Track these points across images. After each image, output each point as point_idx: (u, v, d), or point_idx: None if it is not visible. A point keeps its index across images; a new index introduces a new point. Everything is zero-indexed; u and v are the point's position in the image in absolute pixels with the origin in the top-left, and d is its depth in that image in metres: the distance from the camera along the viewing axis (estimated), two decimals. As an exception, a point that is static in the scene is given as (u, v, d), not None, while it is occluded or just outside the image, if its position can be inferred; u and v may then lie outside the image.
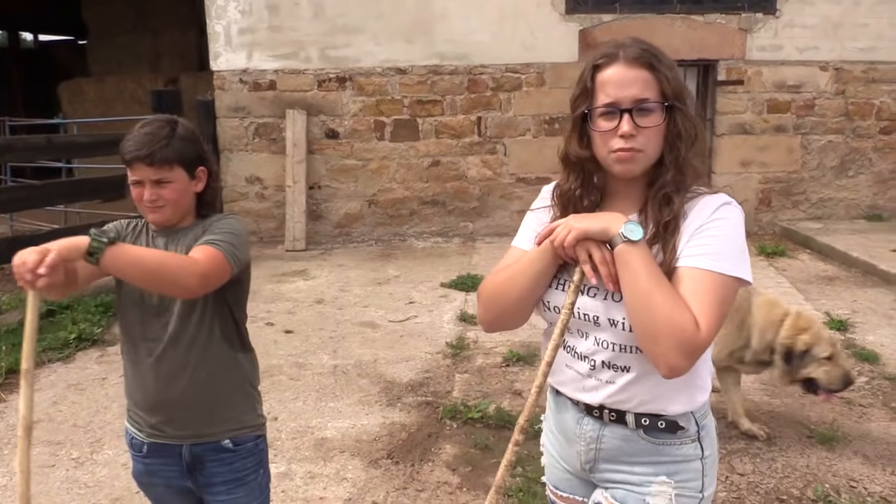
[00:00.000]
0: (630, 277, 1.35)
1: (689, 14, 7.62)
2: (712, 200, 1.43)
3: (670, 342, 1.30)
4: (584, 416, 1.54)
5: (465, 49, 7.64)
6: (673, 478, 1.48)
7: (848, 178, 8.09)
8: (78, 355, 4.73)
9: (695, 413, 1.50)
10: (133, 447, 1.94)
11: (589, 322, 1.46)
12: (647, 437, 1.48)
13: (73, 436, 3.65)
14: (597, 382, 1.48)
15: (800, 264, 6.66)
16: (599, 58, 1.44)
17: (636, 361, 1.43)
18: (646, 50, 1.42)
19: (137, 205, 1.82)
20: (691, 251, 1.38)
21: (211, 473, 1.88)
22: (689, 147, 1.44)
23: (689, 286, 1.34)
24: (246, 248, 1.84)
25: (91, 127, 9.96)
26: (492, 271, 1.58)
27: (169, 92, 6.89)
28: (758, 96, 7.82)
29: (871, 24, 7.76)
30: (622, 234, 1.35)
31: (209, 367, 1.84)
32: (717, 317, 1.34)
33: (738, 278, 1.38)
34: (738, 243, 1.40)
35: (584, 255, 1.39)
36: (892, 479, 3.11)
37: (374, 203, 7.92)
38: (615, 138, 1.40)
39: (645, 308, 1.32)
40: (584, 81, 1.45)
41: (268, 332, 5.04)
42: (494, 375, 4.26)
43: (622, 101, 1.39)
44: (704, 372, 1.51)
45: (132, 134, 1.80)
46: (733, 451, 3.35)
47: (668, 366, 1.32)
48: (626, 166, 1.42)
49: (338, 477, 3.22)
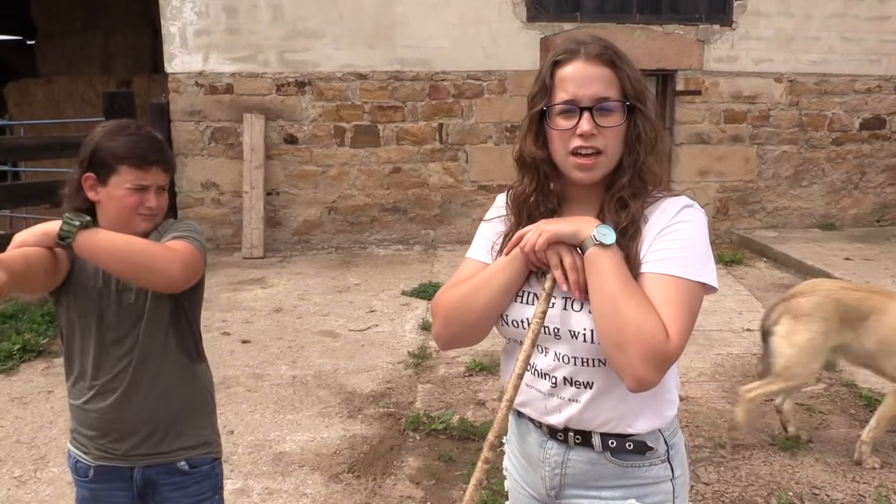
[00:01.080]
0: (599, 282, 1.28)
1: (648, 24, 7.70)
2: (673, 203, 1.37)
3: (638, 350, 1.22)
4: (548, 439, 1.46)
5: (425, 55, 7.59)
6: (643, 500, 1.41)
7: (802, 187, 8.26)
8: (22, 367, 4.52)
9: (663, 432, 1.43)
10: (77, 472, 1.81)
11: (549, 335, 1.38)
12: (614, 459, 1.41)
13: (16, 452, 3.47)
14: (559, 401, 1.40)
15: (757, 272, 6.76)
16: (560, 53, 1.37)
17: (599, 375, 1.36)
18: (607, 47, 1.36)
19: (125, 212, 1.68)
20: (655, 256, 1.32)
21: (163, 499, 1.78)
22: (650, 151, 1.38)
23: (657, 293, 1.28)
24: (204, 245, 1.76)
25: (39, 129, 9.64)
26: (446, 284, 1.49)
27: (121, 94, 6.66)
28: (715, 106, 7.94)
29: (823, 37, 7.95)
30: (594, 237, 1.29)
31: (165, 382, 1.74)
32: (686, 325, 1.27)
33: (704, 284, 1.32)
34: (702, 248, 1.34)
35: (555, 259, 1.32)
36: (854, 486, 3.14)
37: (333, 210, 7.81)
38: (574, 138, 1.33)
39: (612, 314, 1.25)
40: (543, 78, 1.38)
41: (224, 341, 4.89)
42: (457, 385, 4.20)
43: (582, 99, 1.33)
44: (672, 384, 1.44)
45: (133, 136, 1.68)
46: (698, 460, 3.34)
47: (635, 377, 1.24)
48: (587, 174, 1.35)
49: (297, 492, 3.11)
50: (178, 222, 1.78)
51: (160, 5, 7.35)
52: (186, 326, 1.79)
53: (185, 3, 7.28)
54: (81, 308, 1.71)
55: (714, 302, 5.70)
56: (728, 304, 5.65)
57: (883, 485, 3.13)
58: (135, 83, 10.92)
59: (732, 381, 4.23)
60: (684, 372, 4.34)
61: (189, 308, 1.78)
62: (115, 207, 1.68)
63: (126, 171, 1.65)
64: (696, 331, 5.16)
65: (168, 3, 7.29)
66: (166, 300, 1.71)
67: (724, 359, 4.57)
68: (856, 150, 8.28)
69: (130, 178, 1.66)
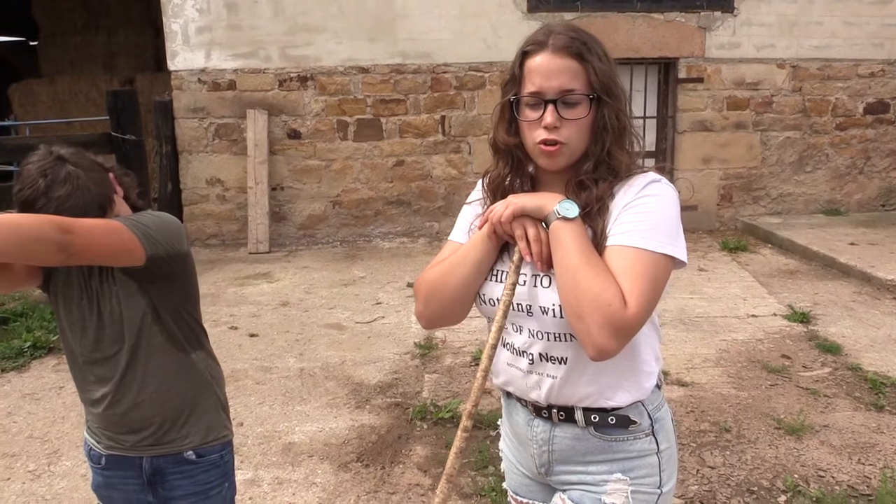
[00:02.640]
0: (561, 255, 1.32)
1: (649, 12, 7.68)
2: (641, 178, 1.39)
3: (594, 318, 1.25)
4: (534, 417, 1.50)
5: (427, 48, 7.59)
6: (628, 474, 1.45)
7: (806, 173, 8.25)
8: (33, 364, 4.57)
9: (646, 405, 1.46)
10: (91, 458, 1.85)
11: (522, 312, 1.42)
12: (598, 434, 1.44)
13: (29, 447, 3.51)
14: (538, 377, 1.44)
15: (761, 259, 6.76)
16: (529, 44, 1.40)
17: (572, 350, 1.39)
18: (575, 38, 1.37)
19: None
20: (619, 229, 1.34)
21: (172, 487, 1.80)
22: (616, 140, 1.40)
23: (618, 264, 1.30)
24: (169, 236, 1.65)
25: (44, 129, 9.67)
26: (427, 266, 1.53)
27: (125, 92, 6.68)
28: (717, 94, 7.92)
29: (826, 22, 7.91)
30: (556, 210, 1.33)
31: (159, 379, 1.74)
32: (647, 295, 1.28)
33: (670, 257, 1.33)
34: (668, 220, 1.35)
35: (520, 230, 1.36)
36: (859, 468, 3.16)
37: (338, 204, 7.83)
38: (539, 129, 1.37)
39: (572, 284, 1.29)
40: (514, 68, 1.42)
41: (232, 335, 4.93)
42: (464, 375, 4.22)
43: (547, 92, 1.36)
44: (648, 356, 1.46)
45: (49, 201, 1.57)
46: (703, 444, 3.36)
47: (594, 345, 1.26)
48: (551, 160, 1.39)
49: (307, 482, 3.15)
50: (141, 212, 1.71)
51: (162, 3, 7.37)
52: (171, 321, 1.74)
53: (186, 0, 7.30)
54: (67, 314, 1.74)
55: (719, 288, 5.72)
56: (733, 291, 5.66)
57: (888, 466, 3.15)
58: (138, 81, 10.93)
59: (737, 366, 4.25)
60: (689, 358, 4.36)
61: (166, 303, 1.73)
62: None
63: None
64: (700, 317, 5.22)
65: (170, 0, 7.31)
66: (140, 301, 1.69)
67: (730, 345, 4.59)
68: (860, 135, 8.25)
69: None
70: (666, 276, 1.34)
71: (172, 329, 1.75)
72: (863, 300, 5.40)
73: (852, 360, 4.28)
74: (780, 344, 4.59)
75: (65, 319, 1.75)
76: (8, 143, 7.36)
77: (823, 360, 4.30)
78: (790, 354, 4.41)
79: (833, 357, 4.34)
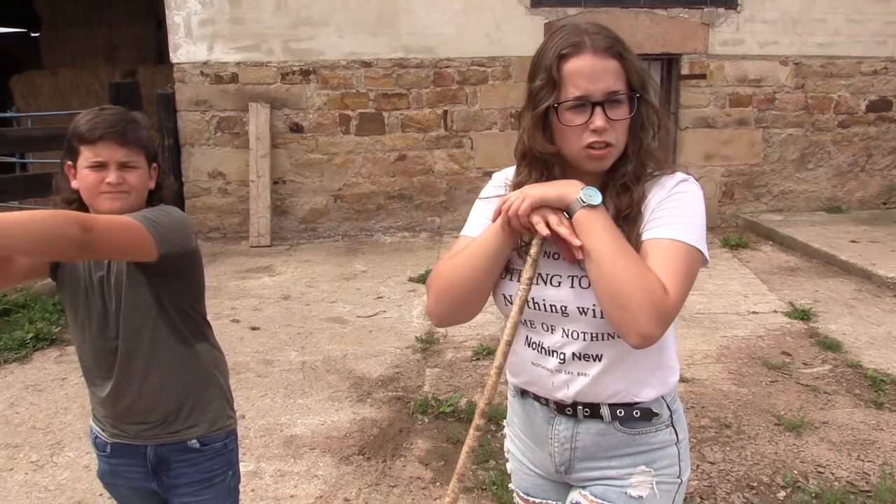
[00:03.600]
0: (592, 243, 1.29)
1: (652, 8, 7.67)
2: (671, 178, 1.41)
3: (641, 306, 1.24)
4: (556, 415, 1.49)
5: (429, 42, 7.58)
6: (652, 466, 1.46)
7: (808, 170, 8.25)
8: (35, 355, 4.58)
9: (665, 398, 1.48)
10: (97, 446, 1.87)
11: (556, 313, 1.40)
12: (623, 428, 1.45)
13: (32, 438, 3.53)
14: (567, 376, 1.43)
15: (763, 255, 6.76)
16: (566, 46, 1.34)
17: (609, 348, 1.39)
18: (614, 39, 1.37)
19: (89, 192, 1.65)
20: (654, 224, 1.35)
21: (177, 475, 1.81)
22: (652, 137, 1.41)
23: (655, 255, 1.31)
24: (180, 233, 1.67)
25: (46, 121, 9.67)
26: (439, 262, 1.48)
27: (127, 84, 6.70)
28: (720, 90, 7.91)
29: (829, 19, 7.90)
30: (580, 199, 1.30)
31: (162, 371, 1.75)
32: (683, 283, 1.29)
33: (700, 251, 1.34)
34: (698, 217, 1.37)
35: (540, 221, 1.32)
36: (858, 465, 3.17)
37: (339, 198, 7.83)
38: (586, 132, 1.33)
39: (610, 274, 1.27)
40: (549, 72, 1.35)
41: (233, 328, 4.94)
42: (465, 369, 4.24)
43: (594, 94, 1.32)
44: (672, 351, 1.49)
45: (90, 116, 1.66)
46: (704, 440, 3.37)
47: (639, 332, 1.25)
48: (599, 163, 1.37)
49: (308, 474, 3.17)
50: (154, 208, 1.72)
51: (164, -5, 7.37)
52: (175, 313, 1.75)
53: (189, -8, 7.30)
54: (74, 306, 1.74)
55: (720, 285, 5.73)
56: (734, 288, 5.67)
57: (887, 463, 3.16)
58: (140, 74, 10.94)
59: (738, 363, 4.26)
60: (690, 354, 4.37)
61: (172, 297, 1.74)
62: (83, 190, 1.66)
63: (83, 151, 1.64)
64: (701, 314, 5.22)
65: (172, -8, 7.30)
66: (146, 293, 1.70)
67: (730, 341, 4.60)
68: (862, 133, 8.24)
69: (87, 156, 1.64)
70: (697, 269, 1.35)
71: (177, 322, 1.76)
72: (863, 298, 5.41)
73: (852, 358, 4.29)
74: (780, 341, 4.60)
75: (71, 309, 1.76)
76: (10, 134, 7.38)
77: (824, 358, 4.31)
78: (790, 351, 4.42)
79: (833, 354, 4.35)
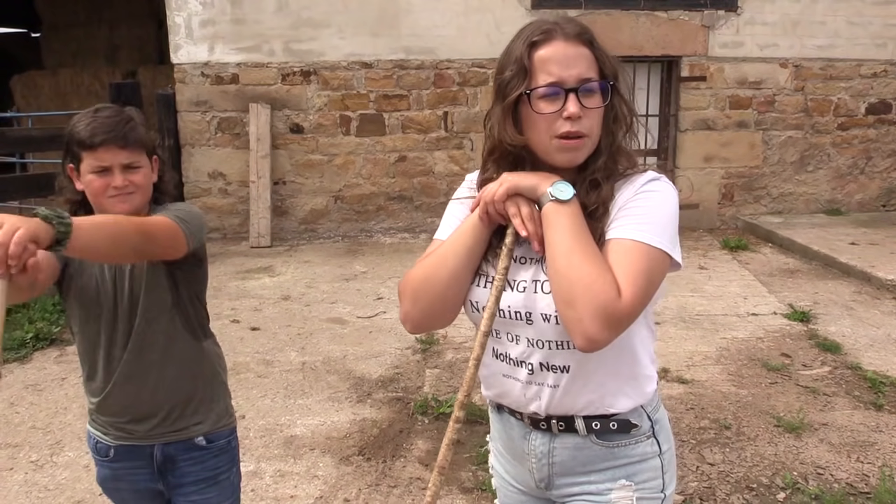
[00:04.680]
0: (552, 237, 1.26)
1: (652, 10, 7.68)
2: (641, 177, 1.36)
3: (586, 306, 1.19)
4: (532, 430, 1.44)
5: (430, 43, 7.59)
6: (632, 479, 1.40)
7: (807, 172, 8.26)
8: (35, 355, 4.58)
9: (646, 408, 1.42)
10: (98, 452, 1.85)
11: (520, 321, 1.35)
12: (600, 441, 1.39)
13: (32, 438, 3.53)
14: (538, 388, 1.38)
15: (762, 258, 6.77)
16: (536, 34, 1.31)
17: (574, 358, 1.34)
18: (584, 27, 1.34)
19: (96, 196, 1.66)
20: (617, 223, 1.30)
21: (183, 473, 1.82)
22: (625, 133, 1.37)
23: (614, 255, 1.25)
24: (201, 228, 1.73)
25: (46, 121, 9.68)
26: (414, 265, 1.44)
27: (128, 85, 6.70)
28: (720, 92, 7.92)
29: (829, 21, 7.91)
30: (550, 192, 1.28)
31: (176, 365, 1.77)
32: (641, 287, 1.23)
33: (666, 253, 1.28)
34: (666, 217, 1.31)
35: (513, 208, 1.30)
36: (857, 466, 3.17)
37: (340, 198, 7.84)
38: (559, 121, 1.29)
39: (565, 269, 1.23)
40: (520, 60, 1.30)
41: (233, 329, 4.95)
42: (465, 370, 4.21)
43: (567, 80, 1.28)
44: (646, 359, 1.42)
45: (88, 119, 1.64)
46: (703, 441, 3.38)
47: (583, 334, 1.20)
48: (572, 155, 1.32)
49: (308, 475, 3.17)
50: (173, 204, 1.75)
51: (165, -4, 7.38)
52: (190, 307, 1.79)
53: (190, -7, 7.30)
54: (85, 301, 1.72)
55: (720, 287, 5.74)
56: (733, 290, 5.68)
57: (887, 465, 3.17)
58: (140, 74, 10.95)
59: (738, 364, 4.26)
60: (689, 356, 4.38)
61: (188, 289, 1.78)
62: (90, 195, 1.67)
63: (86, 157, 1.64)
64: (701, 315, 5.23)
65: (173, -7, 7.31)
66: (165, 286, 1.72)
67: (730, 343, 4.60)
68: (861, 135, 8.26)
69: (90, 162, 1.64)
70: (662, 271, 1.29)
71: (190, 315, 1.79)
72: (863, 300, 5.42)
73: (852, 360, 4.29)
74: (780, 342, 4.60)
75: (79, 307, 1.73)
76: (10, 134, 7.38)
77: (823, 359, 4.32)
78: (790, 353, 4.43)
79: (833, 356, 4.36)
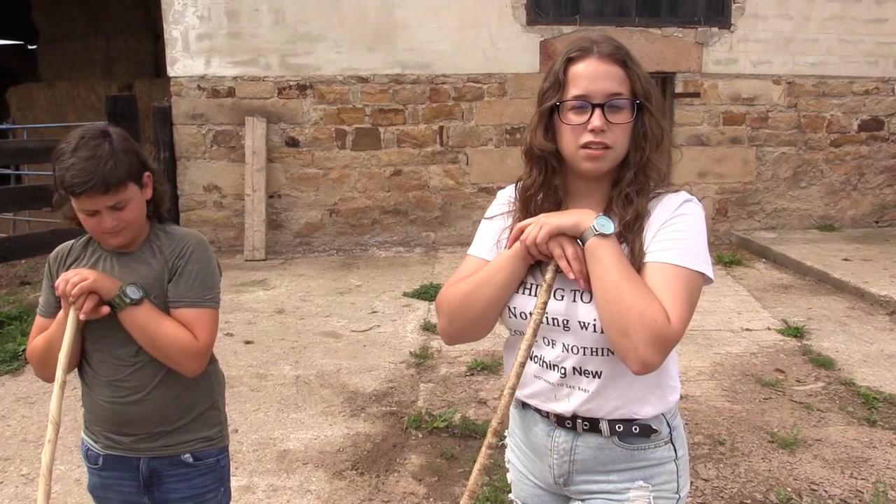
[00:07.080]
0: (600, 271, 1.34)
1: (647, 27, 7.75)
2: (675, 198, 1.44)
3: (641, 334, 1.28)
4: (556, 428, 1.51)
5: (426, 58, 7.63)
6: (650, 482, 1.48)
7: (801, 188, 8.30)
8: (27, 368, 4.54)
9: (666, 415, 1.49)
10: (89, 459, 1.86)
11: (557, 327, 1.43)
12: (621, 443, 1.47)
13: (23, 451, 3.50)
14: (569, 390, 1.46)
15: (756, 273, 6.79)
16: (574, 51, 1.43)
17: (607, 364, 1.42)
18: (619, 47, 1.43)
19: (91, 232, 1.70)
20: (658, 246, 1.38)
21: (168, 490, 1.80)
22: (655, 148, 1.44)
23: (659, 280, 1.34)
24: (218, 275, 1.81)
25: (42, 133, 9.68)
26: (448, 281, 1.54)
27: (124, 97, 6.71)
28: (714, 109, 7.98)
29: (822, 39, 8.00)
30: (594, 227, 1.35)
31: (175, 384, 1.76)
32: (686, 310, 1.33)
33: (703, 274, 1.38)
34: (701, 240, 1.40)
35: (558, 250, 1.37)
36: (851, 482, 3.17)
37: (335, 212, 7.85)
38: (585, 133, 1.39)
39: (615, 301, 1.31)
40: (556, 73, 1.43)
41: (227, 342, 4.93)
42: (459, 384, 4.23)
43: (594, 95, 1.39)
44: (674, 371, 1.52)
45: (69, 161, 1.59)
46: (697, 457, 3.37)
47: (639, 360, 1.29)
48: (595, 164, 1.41)
49: (301, 489, 3.15)
50: (188, 253, 1.73)
51: (162, 9, 7.41)
52: None
53: (187, 7, 7.33)
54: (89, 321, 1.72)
55: (713, 302, 5.74)
56: (727, 305, 5.69)
57: (881, 480, 3.17)
58: (136, 87, 10.97)
59: (731, 380, 4.27)
60: (684, 371, 4.37)
61: None
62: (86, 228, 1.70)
63: (73, 200, 1.63)
64: (695, 330, 5.24)
65: (170, 7, 7.34)
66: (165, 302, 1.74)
67: (724, 358, 4.61)
68: (854, 152, 8.32)
69: (77, 205, 1.64)
70: (699, 291, 1.39)
71: None
72: (856, 315, 5.43)
73: (845, 375, 4.30)
74: (773, 358, 4.61)
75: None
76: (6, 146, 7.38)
77: (817, 375, 4.32)
78: (784, 368, 4.43)
79: (826, 372, 4.37)
